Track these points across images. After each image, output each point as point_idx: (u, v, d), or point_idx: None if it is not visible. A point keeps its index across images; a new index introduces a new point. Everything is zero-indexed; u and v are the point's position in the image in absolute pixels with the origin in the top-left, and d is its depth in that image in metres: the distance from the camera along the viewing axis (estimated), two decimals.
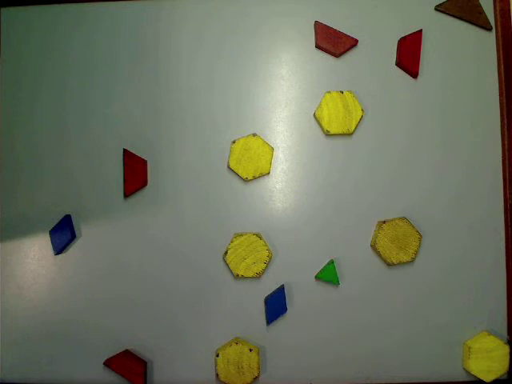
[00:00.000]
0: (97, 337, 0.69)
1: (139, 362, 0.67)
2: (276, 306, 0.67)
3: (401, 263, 0.68)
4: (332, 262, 0.68)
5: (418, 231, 0.67)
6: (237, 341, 0.67)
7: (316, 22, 0.70)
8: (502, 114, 0.69)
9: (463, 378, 0.68)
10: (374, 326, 0.68)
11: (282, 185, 0.70)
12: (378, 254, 0.68)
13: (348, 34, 0.70)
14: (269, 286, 0.69)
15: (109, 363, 0.68)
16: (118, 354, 0.68)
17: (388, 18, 0.70)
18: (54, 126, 0.71)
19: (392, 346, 0.68)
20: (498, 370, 0.66)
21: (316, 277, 0.68)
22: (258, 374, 0.67)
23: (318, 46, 0.70)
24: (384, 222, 0.67)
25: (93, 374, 0.69)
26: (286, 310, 0.68)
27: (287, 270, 0.69)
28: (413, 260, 0.68)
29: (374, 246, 0.68)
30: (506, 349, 0.66)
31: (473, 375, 0.67)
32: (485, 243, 0.69)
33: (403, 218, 0.67)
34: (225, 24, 0.71)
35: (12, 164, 0.71)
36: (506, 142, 0.69)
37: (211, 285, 0.69)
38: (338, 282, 0.67)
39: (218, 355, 0.67)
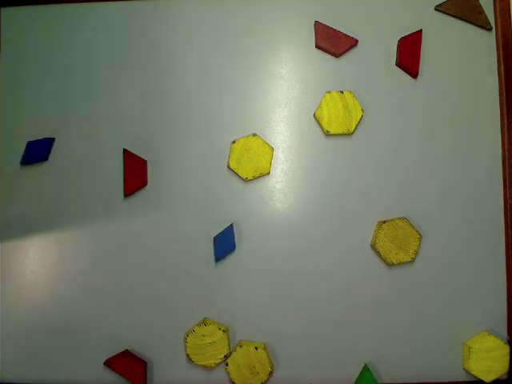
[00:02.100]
0: (97, 337, 0.69)
1: (139, 362, 0.67)
2: (225, 243, 0.67)
3: (401, 263, 0.68)
4: (367, 367, 0.66)
5: (417, 231, 0.67)
6: (240, 344, 0.66)
7: (316, 22, 0.70)
8: (501, 114, 0.69)
9: (463, 378, 0.68)
10: (374, 325, 0.68)
11: (282, 185, 0.70)
12: (378, 254, 0.68)
13: (348, 34, 0.70)
14: (269, 286, 0.69)
15: (109, 363, 0.68)
16: (117, 354, 0.68)
17: (388, 18, 0.70)
18: (54, 126, 0.71)
19: (392, 345, 0.68)
20: (497, 370, 0.66)
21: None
22: (272, 369, 0.66)
23: (318, 46, 0.70)
24: (384, 222, 0.67)
25: (93, 374, 0.69)
26: (234, 247, 0.68)
27: (287, 269, 0.69)
28: (413, 260, 0.68)
29: (374, 246, 0.68)
30: (506, 349, 0.66)
31: (473, 375, 0.67)
32: (485, 243, 0.69)
33: (403, 218, 0.67)
34: (225, 24, 0.71)
35: (12, 164, 0.71)
36: (505, 142, 0.69)
37: (211, 285, 0.69)
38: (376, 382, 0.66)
39: (227, 364, 0.66)
